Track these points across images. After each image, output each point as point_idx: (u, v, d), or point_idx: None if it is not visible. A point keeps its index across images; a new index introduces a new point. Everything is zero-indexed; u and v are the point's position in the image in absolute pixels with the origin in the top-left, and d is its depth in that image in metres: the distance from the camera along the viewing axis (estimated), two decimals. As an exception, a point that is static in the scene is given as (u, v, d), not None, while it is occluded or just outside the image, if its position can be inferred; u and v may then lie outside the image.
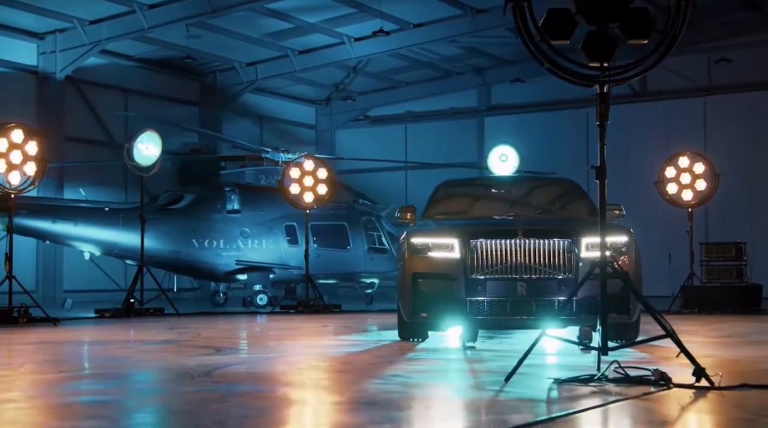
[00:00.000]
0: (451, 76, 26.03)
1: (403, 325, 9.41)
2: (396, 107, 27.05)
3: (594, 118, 21.96)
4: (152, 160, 15.46)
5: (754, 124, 21.91)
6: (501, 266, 8.55)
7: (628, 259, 8.69)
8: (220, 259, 18.56)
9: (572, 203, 10.45)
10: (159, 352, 8.97)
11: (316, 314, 15.77)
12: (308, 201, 16.31)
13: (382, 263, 19.44)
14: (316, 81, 26.35)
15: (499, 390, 5.67)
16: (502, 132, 25.03)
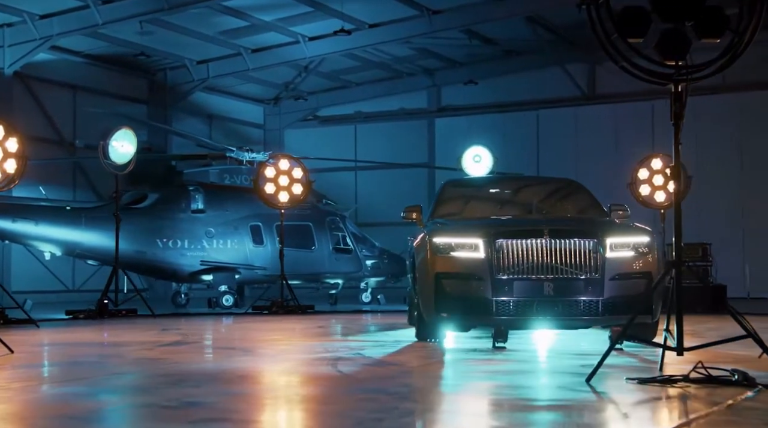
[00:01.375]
0: (402, 77, 26.15)
1: (422, 325, 9.39)
2: (346, 107, 27.07)
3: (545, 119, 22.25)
4: (127, 158, 15.23)
5: (700, 127, 22.43)
6: (527, 266, 8.60)
7: (651, 259, 8.86)
8: (185, 259, 18.35)
9: (580, 203, 10.62)
10: (193, 353, 8.87)
11: (292, 315, 15.72)
12: (283, 201, 16.23)
13: (347, 264, 19.44)
14: (266, 80, 26.22)
15: (603, 391, 5.68)
16: (453, 133, 25.33)
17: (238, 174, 19.09)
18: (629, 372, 6.39)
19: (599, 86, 24.23)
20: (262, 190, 16.23)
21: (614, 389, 5.82)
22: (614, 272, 8.59)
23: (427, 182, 25.73)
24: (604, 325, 9.07)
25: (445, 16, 21.79)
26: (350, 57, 24.42)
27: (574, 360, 7.75)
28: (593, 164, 22.37)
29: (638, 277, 8.73)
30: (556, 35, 23.23)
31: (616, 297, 8.57)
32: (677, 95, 6.41)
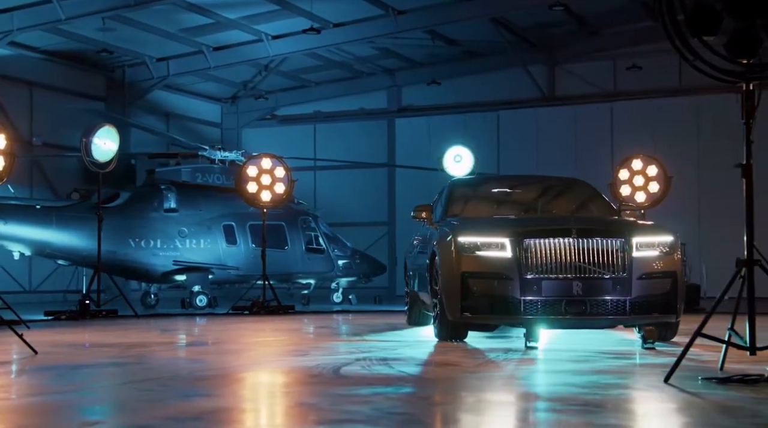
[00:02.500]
0: (362, 77, 26.15)
1: (445, 325, 9.37)
2: (305, 107, 26.98)
3: (505, 120, 22.38)
4: (110, 155, 14.99)
5: (658, 129, 22.90)
6: (556, 265, 8.69)
7: (675, 258, 9.04)
8: (157, 259, 18.13)
9: (592, 203, 10.76)
10: (232, 355, 8.78)
11: (275, 316, 15.64)
12: (266, 200, 16.14)
13: (319, 264, 19.41)
14: (224, 78, 26.00)
15: (695, 392, 5.68)
16: (413, 133, 25.45)
17: (210, 173, 18.93)
18: (691, 372, 6.41)
19: (558, 88, 24.53)
20: (245, 189, 16.11)
21: (703, 389, 5.76)
22: (641, 272, 8.74)
23: (387, 182, 25.77)
24: (631, 324, 9.22)
25: (410, 16, 21.87)
26: (312, 56, 24.35)
27: (620, 360, 7.81)
28: (553, 164, 22.52)
29: (664, 276, 8.90)
30: (517, 37, 23.47)
31: (643, 297, 8.73)
32: (749, 94, 6.47)
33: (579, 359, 7.81)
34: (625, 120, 23.57)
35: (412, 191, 25.08)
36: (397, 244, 25.07)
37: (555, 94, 24.56)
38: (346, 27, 22.35)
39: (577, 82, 23.95)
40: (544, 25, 23.34)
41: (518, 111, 24.43)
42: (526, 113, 24.35)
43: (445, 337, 9.48)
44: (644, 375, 6.61)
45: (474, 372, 6.79)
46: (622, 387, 6.05)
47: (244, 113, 27.09)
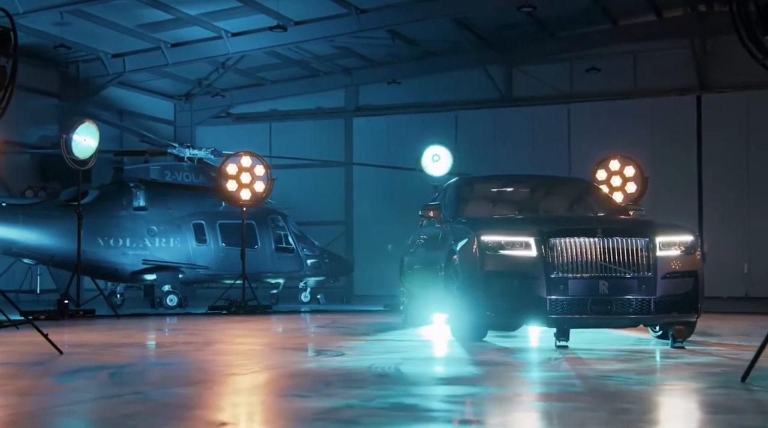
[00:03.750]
0: (319, 76, 26.03)
1: (465, 325, 9.39)
2: (260, 105, 26.75)
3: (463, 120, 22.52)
4: (90, 152, 14.71)
5: (614, 130, 23.24)
6: (582, 264, 8.80)
7: (696, 258, 9.21)
8: (127, 258, 17.85)
9: (599, 202, 10.90)
10: (270, 355, 8.68)
11: (253, 315, 15.53)
12: (245, 198, 16.00)
13: (289, 263, 19.30)
14: (178, 75, 25.63)
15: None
16: (371, 133, 25.43)
17: (179, 171, 18.69)
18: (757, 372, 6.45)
19: (516, 89, 24.75)
20: (224, 187, 15.95)
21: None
22: (665, 271, 8.89)
23: (344, 182, 25.72)
24: (654, 323, 9.36)
25: (373, 14, 21.81)
26: (270, 54, 24.16)
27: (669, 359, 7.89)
28: (511, 165, 22.71)
29: (686, 276, 9.07)
30: (477, 37, 23.61)
31: (667, 296, 8.88)
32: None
33: (625, 358, 7.92)
34: (582, 121, 23.88)
35: (369, 191, 25.17)
36: (355, 243, 25.05)
37: (513, 95, 24.76)
38: (309, 25, 22.16)
39: (535, 83, 24.19)
40: (503, 27, 23.52)
41: (476, 111, 24.57)
42: (484, 114, 24.51)
43: (466, 337, 9.49)
44: (712, 375, 6.69)
45: (544, 371, 6.83)
46: (715, 386, 6.07)
47: (198, 110, 26.76)
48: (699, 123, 23.15)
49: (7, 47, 8.17)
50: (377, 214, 24.75)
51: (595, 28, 23.76)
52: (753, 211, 22.35)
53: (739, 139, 22.65)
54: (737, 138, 22.66)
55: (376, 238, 24.41)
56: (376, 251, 23.73)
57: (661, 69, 23.57)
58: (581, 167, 22.61)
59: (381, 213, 24.71)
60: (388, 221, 24.56)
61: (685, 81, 23.29)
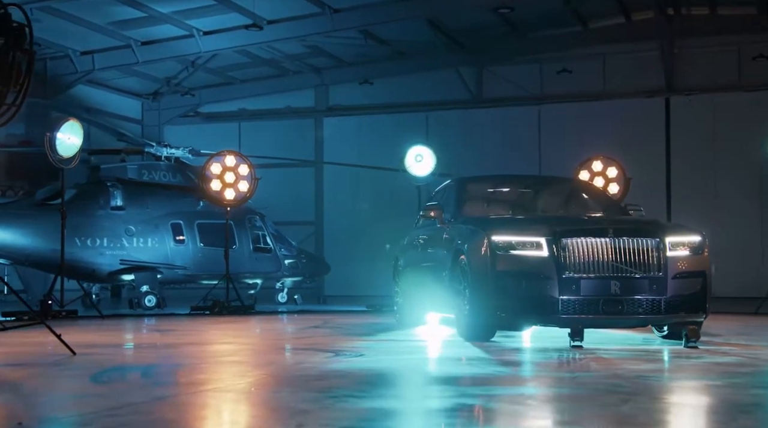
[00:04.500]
0: (288, 75, 25.91)
1: (476, 324, 9.39)
2: (229, 104, 26.56)
3: (434, 120, 22.59)
4: (74, 150, 14.51)
5: (584, 131, 23.45)
6: (594, 265, 8.87)
7: (704, 258, 9.32)
8: (104, 258, 17.63)
9: (600, 203, 11.00)
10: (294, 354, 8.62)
11: (238, 316, 15.44)
12: (229, 198, 15.89)
13: (266, 263, 19.19)
14: (146, 74, 25.36)
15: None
16: (342, 133, 25.37)
17: (156, 170, 18.51)
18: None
19: (486, 90, 24.86)
20: (208, 187, 15.83)
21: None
22: (675, 271, 8.99)
23: (314, 182, 25.64)
24: (664, 323, 9.45)
25: (347, 14, 21.78)
26: (241, 53, 24.00)
27: (690, 359, 7.93)
28: (482, 166, 22.80)
29: (695, 276, 9.19)
30: (448, 38, 23.67)
31: (677, 296, 8.98)
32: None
33: (649, 358, 7.99)
34: (552, 122, 24.06)
35: (340, 191, 25.13)
36: (325, 244, 24.98)
37: (483, 96, 24.87)
38: (283, 24, 22.04)
39: (505, 84, 24.32)
40: (474, 28, 23.59)
41: (447, 112, 24.64)
42: (455, 114, 24.58)
43: (474, 337, 9.49)
44: (745, 375, 6.76)
45: (580, 371, 6.87)
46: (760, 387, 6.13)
47: (166, 109, 26.50)
48: (667, 124, 23.45)
49: (23, 43, 8.00)
50: (348, 214, 24.75)
51: (566, 30, 23.95)
52: (720, 212, 22.65)
53: (706, 140, 22.97)
54: (705, 139, 22.97)
55: (347, 238, 24.41)
56: (347, 251, 23.74)
57: (630, 71, 23.83)
58: (551, 167, 22.86)
59: (352, 213, 24.72)
60: (359, 221, 24.61)
61: (653, 83, 23.58)
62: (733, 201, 22.46)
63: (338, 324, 12.83)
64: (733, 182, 22.68)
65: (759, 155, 22.21)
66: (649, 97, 23.61)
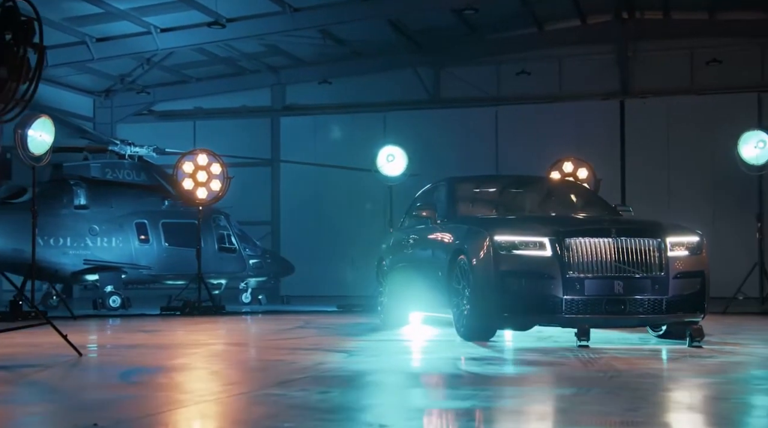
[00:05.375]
0: (245, 74, 25.72)
1: (478, 324, 9.37)
2: (184, 103, 26.25)
3: (391, 121, 22.64)
4: (45, 148, 14.20)
5: (541, 132, 23.68)
6: (597, 264, 8.93)
7: (703, 258, 9.45)
8: (67, 258, 17.32)
9: (592, 203, 11.09)
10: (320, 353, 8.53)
11: (211, 316, 15.27)
12: (202, 197, 15.71)
13: (231, 264, 19.03)
14: (99, 71, 24.94)
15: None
16: (299, 132, 25.26)
17: (120, 169, 18.23)
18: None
19: (444, 90, 24.94)
20: (180, 186, 15.63)
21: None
22: (676, 271, 9.08)
23: (270, 181, 25.48)
24: (664, 323, 9.54)
25: (307, 13, 21.69)
26: (198, 51, 23.75)
27: (707, 359, 8.01)
28: (439, 166, 22.84)
29: (695, 276, 9.30)
30: (407, 38, 23.70)
31: (678, 296, 9.07)
32: None
33: (662, 357, 8.05)
34: (509, 123, 24.23)
35: (296, 191, 25.02)
36: (282, 244, 24.84)
37: (441, 96, 24.95)
38: (242, 22, 21.85)
39: (463, 85, 24.43)
40: (432, 29, 23.66)
41: (405, 112, 24.66)
42: (413, 115, 24.61)
43: (475, 336, 9.45)
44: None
45: (607, 371, 6.90)
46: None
47: (118, 107, 26.10)
48: (622, 126, 23.77)
49: (31, 37, 7.82)
50: (305, 214, 24.66)
51: (523, 32, 24.16)
52: (674, 213, 23.00)
53: (660, 141, 23.34)
54: (659, 140, 23.34)
55: (304, 238, 24.31)
56: (303, 251, 23.64)
57: (586, 73, 24.12)
58: (508, 168, 23.07)
59: (309, 214, 24.64)
60: (316, 221, 24.55)
61: (609, 85, 23.90)
62: (687, 200, 22.86)
63: (324, 325, 12.73)
64: (686, 182, 23.09)
65: (711, 155, 22.82)
66: (605, 100, 23.92)
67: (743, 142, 15.23)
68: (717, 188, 22.74)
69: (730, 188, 22.09)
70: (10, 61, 7.82)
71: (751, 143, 15.20)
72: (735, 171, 18.53)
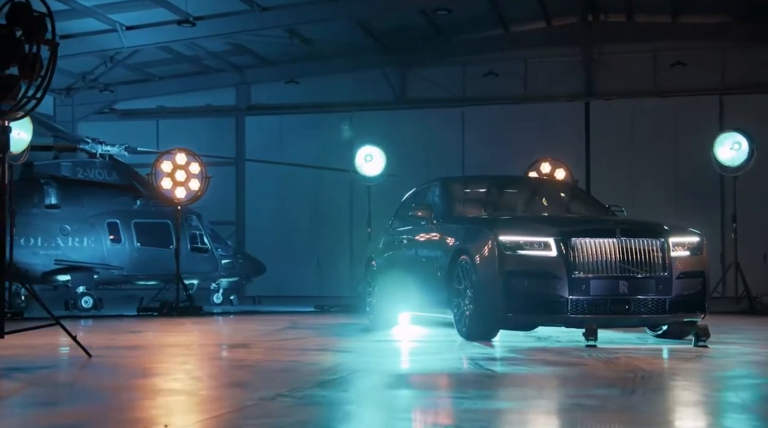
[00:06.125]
0: (209, 73, 25.48)
1: (481, 325, 9.39)
2: (147, 101, 25.93)
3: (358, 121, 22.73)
4: (23, 146, 13.94)
5: (507, 133, 23.83)
6: (603, 265, 9.00)
7: (704, 258, 9.57)
8: (38, 258, 17.02)
9: (585, 203, 11.18)
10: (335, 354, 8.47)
11: (187, 317, 15.11)
12: (180, 197, 15.54)
13: (204, 264, 18.84)
14: (60, 68, 24.37)
15: None
16: (264, 132, 25.12)
17: (91, 168, 17.95)
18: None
19: (410, 91, 24.96)
20: (159, 185, 15.44)
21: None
22: (679, 271, 9.19)
23: (235, 181, 25.30)
24: (667, 322, 9.63)
25: (275, 13, 21.57)
26: (162, 50, 23.47)
27: (717, 358, 8.15)
28: (406, 167, 22.89)
29: (696, 276, 9.42)
30: (374, 39, 23.66)
31: (681, 296, 9.18)
32: None
33: (678, 357, 8.12)
34: (476, 124, 24.32)
35: (261, 191, 24.86)
36: (247, 244, 24.65)
37: (407, 97, 24.96)
38: (209, 21, 21.65)
39: (429, 86, 24.48)
40: (399, 29, 23.65)
41: (371, 112, 24.63)
42: (379, 115, 24.59)
43: (478, 336, 9.47)
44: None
45: (635, 370, 6.94)
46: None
47: (80, 105, 25.69)
48: (587, 128, 23.97)
49: (43, 33, 7.68)
50: (270, 214, 24.55)
51: (489, 34, 24.25)
52: (638, 212, 23.14)
53: (625, 142, 23.58)
54: (623, 142, 23.58)
55: (269, 238, 24.18)
56: (269, 251, 23.48)
57: (551, 75, 24.28)
58: (474, 168, 23.19)
59: (274, 213, 24.53)
60: (282, 221, 24.44)
61: (574, 87, 24.09)
62: (650, 200, 23.10)
63: (314, 325, 12.64)
64: (650, 182, 23.34)
65: (674, 156, 23.16)
66: (570, 101, 24.11)
67: (719, 144, 15.44)
68: (679, 188, 23.05)
69: (693, 189, 22.44)
70: (20, 59, 7.66)
71: (726, 144, 15.42)
72: (697, 171, 18.81)
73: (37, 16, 7.69)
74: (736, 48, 23.32)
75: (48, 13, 7.69)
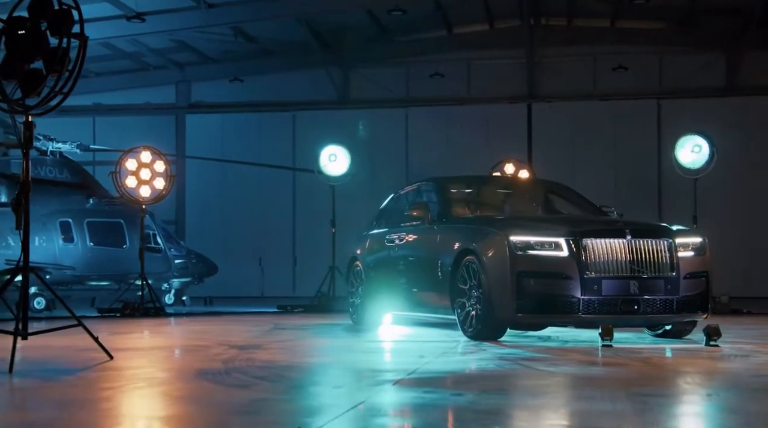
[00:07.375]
0: (148, 70, 24.97)
1: (490, 325, 9.36)
2: (83, 98, 25.18)
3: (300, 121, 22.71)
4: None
5: (451, 134, 23.94)
6: (613, 265, 9.09)
7: (707, 259, 9.74)
8: (-13, 258, 16.40)
9: (578, 204, 11.27)
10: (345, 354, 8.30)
11: (154, 318, 14.79)
12: (145, 196, 15.17)
13: (157, 264, 18.39)
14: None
15: None
16: (205, 131, 24.75)
17: (42, 165, 17.39)
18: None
19: (353, 91, 24.86)
20: (124, 184, 15.05)
21: None
22: (686, 272, 9.33)
23: (176, 180, 24.75)
24: (673, 322, 9.75)
25: (221, 10, 21.31)
26: (102, 45, 22.90)
27: (739, 357, 8.24)
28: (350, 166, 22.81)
29: (701, 276, 9.58)
30: (317, 38, 23.49)
31: (687, 296, 9.33)
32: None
33: (700, 356, 8.23)
34: (419, 125, 24.35)
35: (202, 190, 24.49)
36: (188, 243, 24.20)
37: (350, 97, 24.85)
38: (155, 17, 21.24)
39: (372, 86, 24.42)
40: (342, 29, 23.57)
41: (314, 112, 24.47)
42: (322, 115, 24.44)
43: (484, 337, 9.45)
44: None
45: (668, 370, 7.02)
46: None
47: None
48: (530, 129, 24.22)
49: (69, 26, 7.40)
50: (212, 213, 24.21)
51: (432, 35, 24.33)
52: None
53: (565, 144, 23.90)
54: (564, 144, 23.89)
55: (210, 237, 23.83)
56: (210, 251, 23.09)
57: (494, 77, 24.47)
58: (418, 169, 23.20)
59: (216, 213, 24.20)
60: (223, 220, 24.13)
61: (516, 89, 24.31)
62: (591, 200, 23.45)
63: (295, 326, 12.48)
64: (591, 183, 23.63)
65: (613, 157, 23.58)
66: (512, 103, 24.32)
67: (680, 146, 15.74)
68: (619, 188, 23.42)
69: (632, 189, 22.87)
70: (47, 53, 7.38)
71: (687, 147, 15.72)
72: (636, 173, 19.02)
73: (63, 9, 7.36)
74: (672, 54, 23.83)
75: (75, 6, 7.38)
